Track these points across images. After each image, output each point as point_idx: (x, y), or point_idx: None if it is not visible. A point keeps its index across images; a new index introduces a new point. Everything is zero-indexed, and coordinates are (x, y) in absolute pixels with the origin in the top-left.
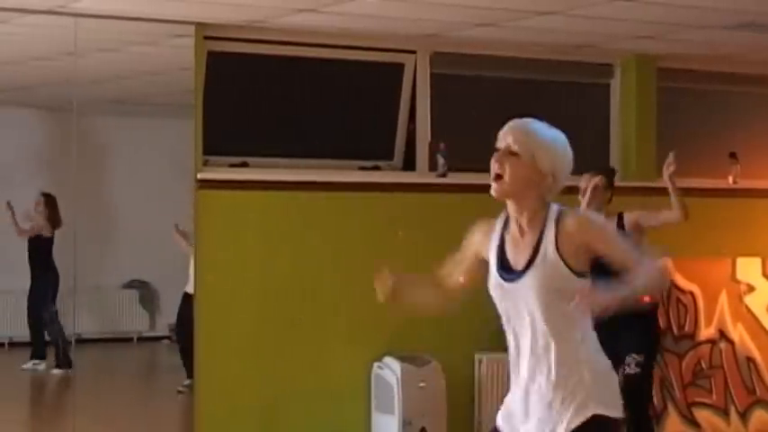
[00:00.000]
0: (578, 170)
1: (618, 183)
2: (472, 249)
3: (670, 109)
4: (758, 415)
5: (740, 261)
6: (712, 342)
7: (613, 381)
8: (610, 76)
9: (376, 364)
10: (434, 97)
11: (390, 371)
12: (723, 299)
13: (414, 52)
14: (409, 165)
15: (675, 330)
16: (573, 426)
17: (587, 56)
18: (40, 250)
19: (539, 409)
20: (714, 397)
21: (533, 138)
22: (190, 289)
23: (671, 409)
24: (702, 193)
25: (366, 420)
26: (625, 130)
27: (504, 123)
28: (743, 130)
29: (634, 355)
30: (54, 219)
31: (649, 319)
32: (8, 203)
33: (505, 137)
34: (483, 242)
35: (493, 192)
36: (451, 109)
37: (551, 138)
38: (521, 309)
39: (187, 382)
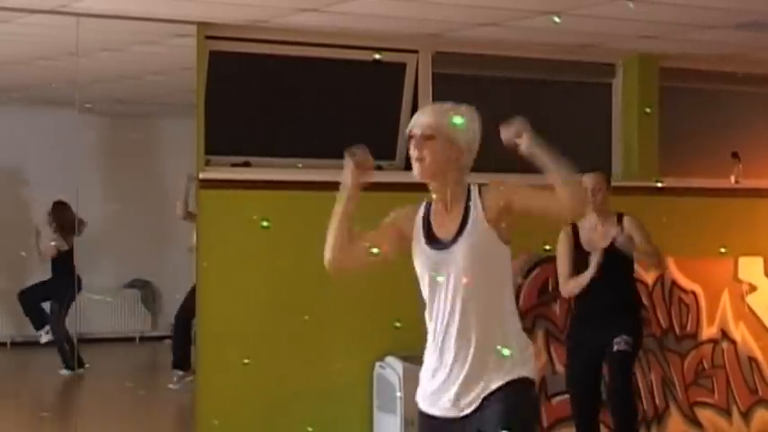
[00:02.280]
0: (581, 169)
1: (620, 183)
2: (396, 224)
3: (672, 109)
4: (760, 415)
5: (742, 261)
6: (714, 342)
7: (530, 351)
8: (612, 76)
9: (378, 364)
10: (436, 97)
11: (392, 370)
12: (725, 298)
13: (416, 52)
14: (411, 164)
15: (677, 330)
16: (501, 382)
17: (590, 55)
18: (62, 260)
19: (462, 378)
20: (716, 397)
21: (446, 119)
22: None
23: (673, 408)
24: (704, 192)
25: (368, 420)
26: (627, 129)
27: (505, 123)
28: (745, 129)
29: (624, 336)
30: (68, 228)
31: (633, 311)
32: (37, 229)
33: (419, 123)
34: (407, 219)
35: (416, 174)
36: None
37: (462, 115)
38: (449, 279)
39: (176, 377)
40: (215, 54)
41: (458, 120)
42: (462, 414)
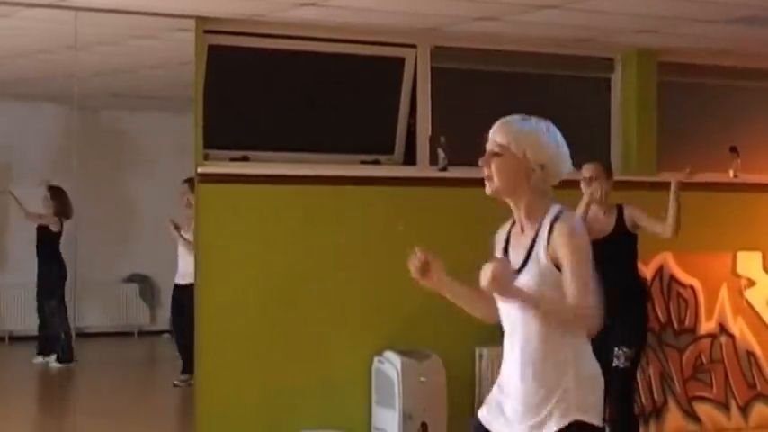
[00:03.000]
0: (578, 164)
1: (618, 177)
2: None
3: (671, 103)
4: (759, 409)
5: (741, 255)
6: (713, 336)
7: (599, 386)
8: (611, 71)
9: (376, 358)
10: (435, 91)
11: (391, 365)
12: (723, 293)
13: (414, 46)
14: (410, 159)
15: (676, 324)
16: (553, 429)
17: (588, 50)
18: (47, 243)
19: (522, 408)
20: (714, 391)
21: (513, 134)
22: (179, 280)
23: (671, 403)
24: (703, 187)
25: (366, 414)
26: (626, 124)
27: (503, 117)
28: (744, 124)
29: (624, 349)
30: (63, 211)
31: (641, 313)
32: (10, 192)
33: (491, 138)
34: (497, 246)
35: (487, 191)
36: (452, 103)
37: (532, 130)
38: (514, 306)
39: (183, 376)
40: (213, 48)
41: (527, 134)
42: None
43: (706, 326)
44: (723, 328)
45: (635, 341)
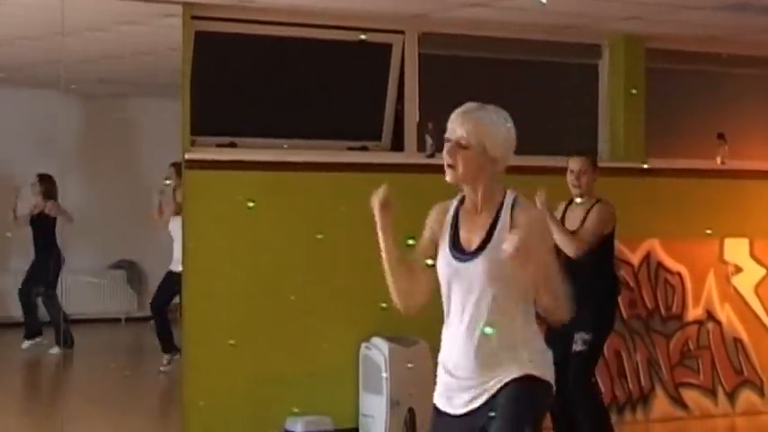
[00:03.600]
0: (565, 151)
1: (606, 164)
2: (428, 234)
3: (658, 90)
4: (745, 395)
5: (728, 242)
6: (700, 323)
7: (548, 360)
8: (598, 57)
9: (364, 345)
10: (423, 78)
11: (378, 351)
12: (711, 280)
13: (402, 32)
14: (397, 145)
15: (663, 311)
16: (507, 379)
17: (576, 36)
18: (43, 230)
19: (472, 387)
20: (701, 377)
21: (482, 129)
22: (174, 267)
23: (658, 389)
24: (690, 173)
25: (354, 400)
26: (613, 111)
27: (492, 103)
28: (731, 111)
29: (583, 334)
30: (50, 197)
31: (606, 303)
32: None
33: (455, 129)
34: (438, 223)
35: (448, 178)
36: (440, 89)
37: (498, 125)
38: (467, 289)
39: (166, 360)
40: (201, 34)
41: (494, 129)
42: (471, 409)
43: (693, 312)
44: (710, 315)
45: (594, 328)
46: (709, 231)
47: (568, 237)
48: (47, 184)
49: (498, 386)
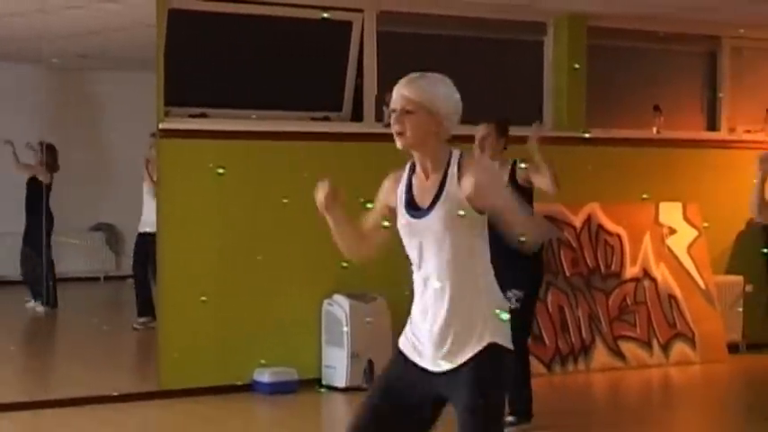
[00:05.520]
0: (514, 120)
1: (550, 133)
2: (383, 199)
3: (599, 65)
4: (678, 347)
5: (663, 206)
6: (637, 280)
7: (505, 307)
8: (543, 34)
9: (326, 301)
10: (381, 53)
11: (339, 307)
12: (647, 241)
13: (361, 11)
14: (357, 116)
15: (603, 269)
16: (470, 354)
17: (523, 15)
18: (37, 196)
19: (439, 337)
20: (638, 331)
21: (425, 93)
22: (143, 228)
23: (599, 342)
24: (628, 142)
25: (317, 353)
26: (557, 84)
27: (445, 76)
28: (666, 84)
29: (515, 291)
30: (52, 166)
31: (529, 259)
32: (9, 142)
33: (399, 99)
34: (391, 190)
35: (398, 145)
36: (397, 64)
37: (440, 89)
38: (426, 243)
39: (142, 319)
40: (174, 12)
41: (435, 92)
42: (436, 370)
43: (631, 271)
44: (646, 273)
45: (525, 285)
46: (645, 196)
47: (546, 179)
48: (50, 155)
49: (461, 361)
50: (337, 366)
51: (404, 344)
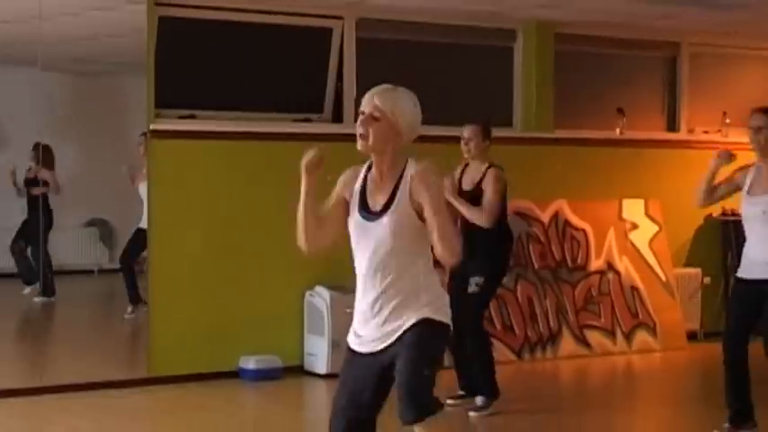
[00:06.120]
0: (487, 121)
1: (519, 134)
2: (339, 192)
3: (566, 70)
4: (640, 336)
5: (626, 202)
6: (601, 273)
7: (445, 301)
8: (513, 41)
9: (308, 292)
10: (360, 59)
11: (321, 298)
12: (611, 235)
13: (341, 18)
14: (337, 117)
15: (569, 262)
16: (407, 326)
17: (494, 22)
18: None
19: (381, 329)
20: (603, 320)
21: (392, 105)
22: (142, 225)
23: (565, 331)
24: (593, 142)
25: (300, 341)
26: (526, 87)
27: (419, 80)
28: (629, 88)
29: (477, 278)
30: (50, 166)
31: (498, 252)
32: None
33: (369, 103)
34: (349, 184)
35: (359, 147)
36: (375, 68)
37: (407, 104)
38: (374, 244)
39: (130, 309)
40: (163, 19)
41: (403, 107)
42: (377, 349)
43: (595, 264)
44: (610, 266)
45: (487, 272)
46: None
47: (476, 212)
48: (42, 153)
49: (399, 333)
50: (318, 354)
51: (352, 341)
